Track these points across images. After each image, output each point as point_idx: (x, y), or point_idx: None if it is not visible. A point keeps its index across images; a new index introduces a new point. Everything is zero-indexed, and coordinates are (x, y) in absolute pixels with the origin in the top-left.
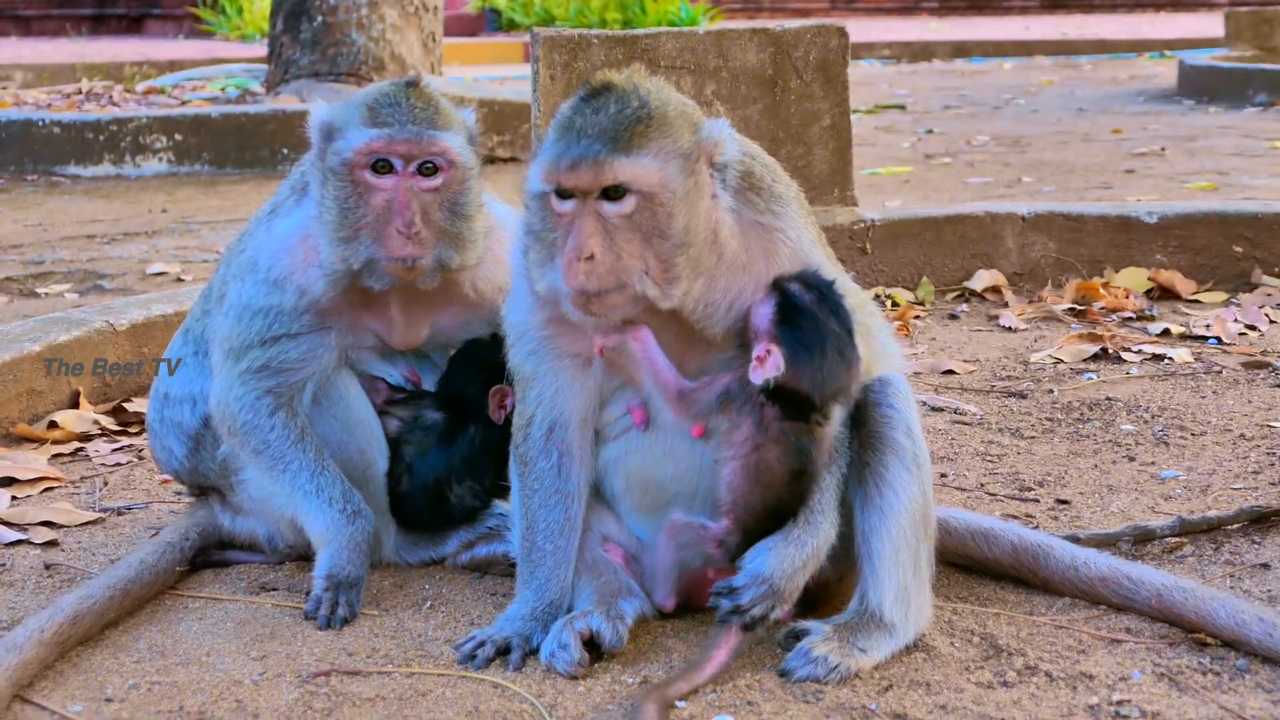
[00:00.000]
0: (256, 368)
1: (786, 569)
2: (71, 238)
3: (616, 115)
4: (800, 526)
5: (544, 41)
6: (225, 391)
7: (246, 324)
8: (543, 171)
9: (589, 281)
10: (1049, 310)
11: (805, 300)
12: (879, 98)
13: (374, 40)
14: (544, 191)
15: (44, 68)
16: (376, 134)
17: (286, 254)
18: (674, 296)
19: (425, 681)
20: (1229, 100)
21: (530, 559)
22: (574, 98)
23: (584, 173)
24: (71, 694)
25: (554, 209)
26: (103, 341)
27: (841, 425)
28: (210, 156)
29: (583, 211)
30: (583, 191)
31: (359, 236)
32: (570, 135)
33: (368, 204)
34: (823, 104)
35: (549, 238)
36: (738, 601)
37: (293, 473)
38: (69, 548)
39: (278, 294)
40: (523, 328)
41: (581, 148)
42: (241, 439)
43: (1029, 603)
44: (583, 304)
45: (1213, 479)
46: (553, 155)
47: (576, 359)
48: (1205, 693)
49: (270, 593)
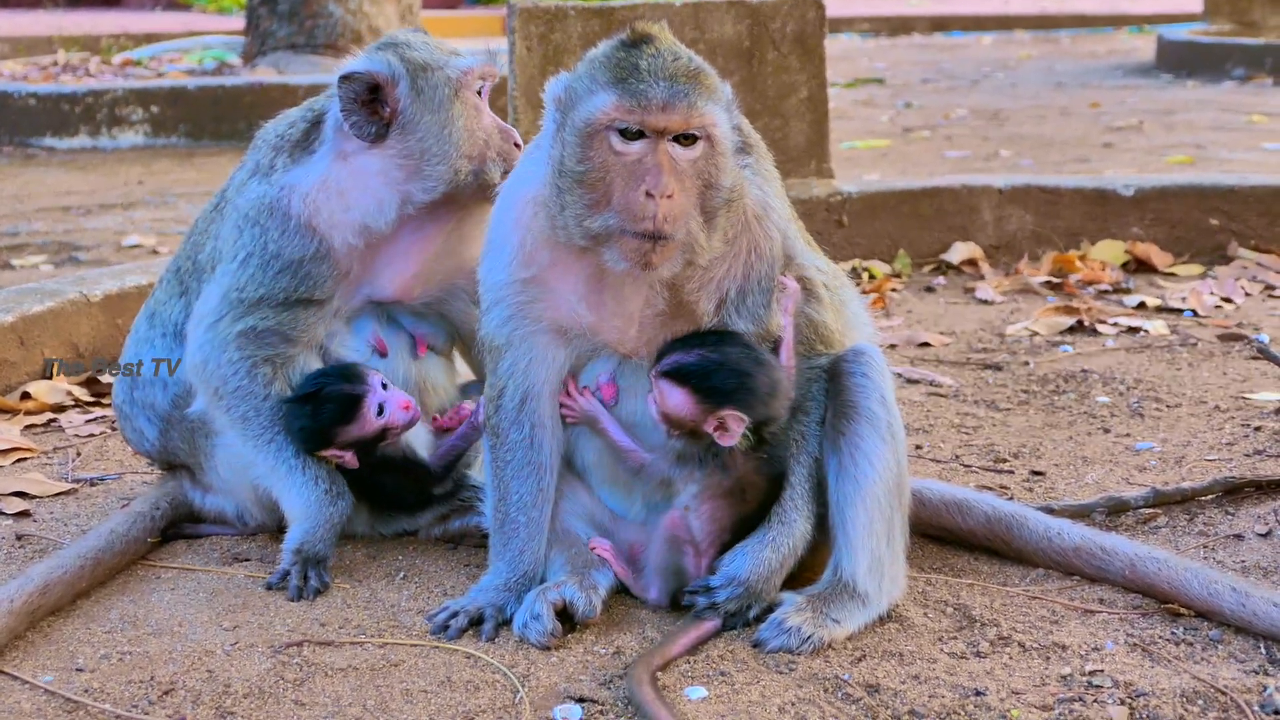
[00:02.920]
0: (263, 329)
1: (762, 571)
2: (47, 209)
3: (687, 63)
4: (775, 527)
5: (521, 13)
6: (217, 351)
7: (271, 278)
8: (612, 109)
9: (665, 223)
10: (1025, 283)
11: (694, 360)
12: (857, 71)
13: (351, 13)
14: (601, 131)
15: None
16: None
17: (322, 201)
18: (712, 250)
19: (398, 652)
20: (1207, 74)
21: (503, 530)
22: (614, 44)
23: (675, 113)
24: (42, 664)
25: (613, 149)
26: (76, 313)
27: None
28: (187, 128)
29: (656, 151)
30: (660, 131)
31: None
32: (645, 76)
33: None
34: (799, 76)
35: (601, 179)
36: (713, 600)
37: (279, 445)
38: (41, 518)
39: (312, 243)
40: (502, 290)
41: (670, 89)
42: (228, 403)
43: (1003, 573)
44: (644, 251)
45: (1187, 451)
46: (629, 94)
47: (551, 327)
48: (1178, 663)
49: (243, 563)
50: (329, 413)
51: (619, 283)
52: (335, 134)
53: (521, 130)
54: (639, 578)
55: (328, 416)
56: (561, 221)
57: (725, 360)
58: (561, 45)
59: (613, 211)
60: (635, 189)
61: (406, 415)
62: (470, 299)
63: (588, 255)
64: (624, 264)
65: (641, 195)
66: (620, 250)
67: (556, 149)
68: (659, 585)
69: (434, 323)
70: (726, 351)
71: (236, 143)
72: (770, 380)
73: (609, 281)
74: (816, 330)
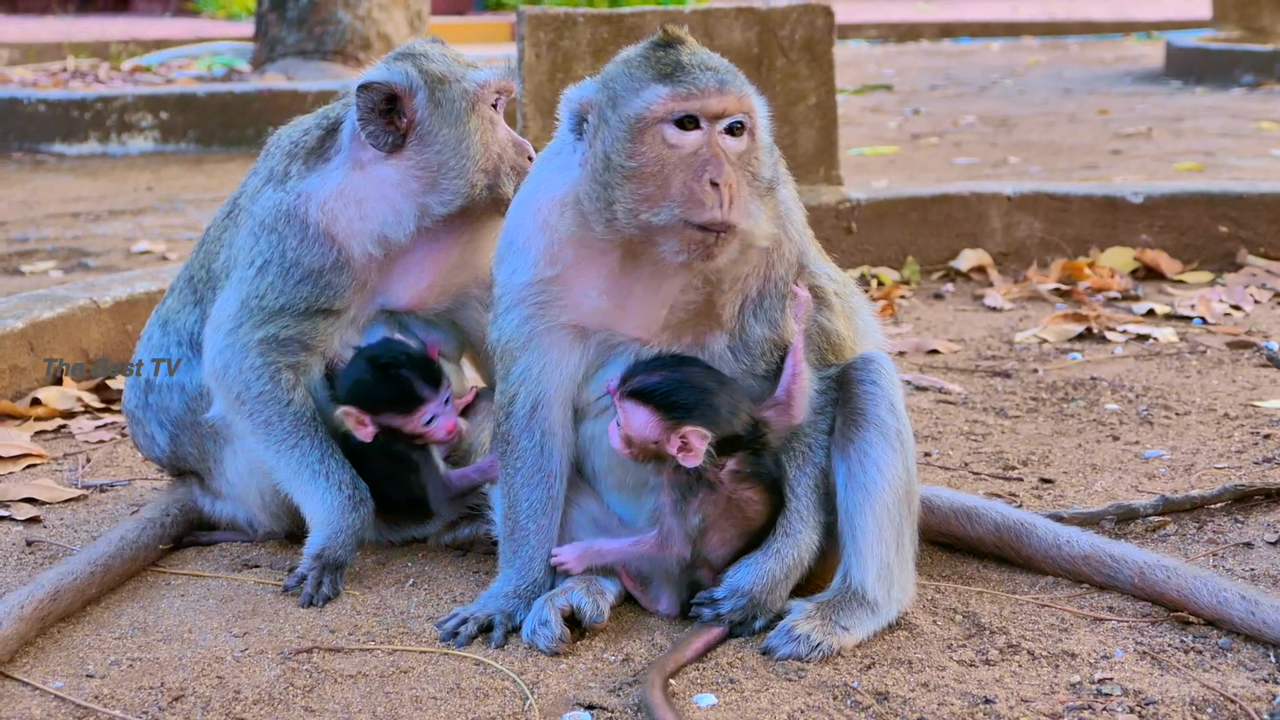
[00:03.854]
0: (284, 338)
1: (766, 583)
2: (56, 215)
3: (720, 59)
4: (780, 539)
5: (530, 20)
6: (238, 356)
7: (292, 286)
8: (668, 100)
9: (731, 211)
10: (1034, 290)
11: (656, 380)
12: (866, 78)
13: (360, 19)
14: (654, 125)
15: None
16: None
17: (339, 210)
18: (766, 239)
19: (407, 659)
20: (1216, 81)
21: (513, 537)
22: (648, 45)
23: (728, 98)
24: (53, 670)
25: (667, 141)
26: (86, 319)
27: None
28: (196, 135)
29: (712, 142)
30: (715, 117)
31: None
32: (692, 69)
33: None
34: (808, 83)
35: (657, 172)
36: (718, 611)
37: (303, 451)
38: (51, 524)
39: (330, 252)
40: (523, 290)
41: (718, 77)
42: (251, 408)
43: (1012, 581)
44: (707, 243)
45: (1196, 458)
46: (682, 84)
47: (570, 325)
48: (1187, 671)
49: (252, 570)
50: (388, 392)
51: (657, 273)
52: (352, 142)
53: (530, 137)
54: (647, 589)
55: (385, 394)
56: (608, 216)
57: (686, 378)
58: (570, 52)
59: (673, 203)
60: (698, 179)
61: (446, 436)
62: (483, 307)
63: (615, 250)
64: (683, 255)
65: (706, 185)
66: (681, 242)
67: (597, 149)
68: (668, 598)
69: (445, 330)
70: (687, 371)
71: (246, 149)
72: (731, 398)
73: (639, 273)
74: (829, 339)
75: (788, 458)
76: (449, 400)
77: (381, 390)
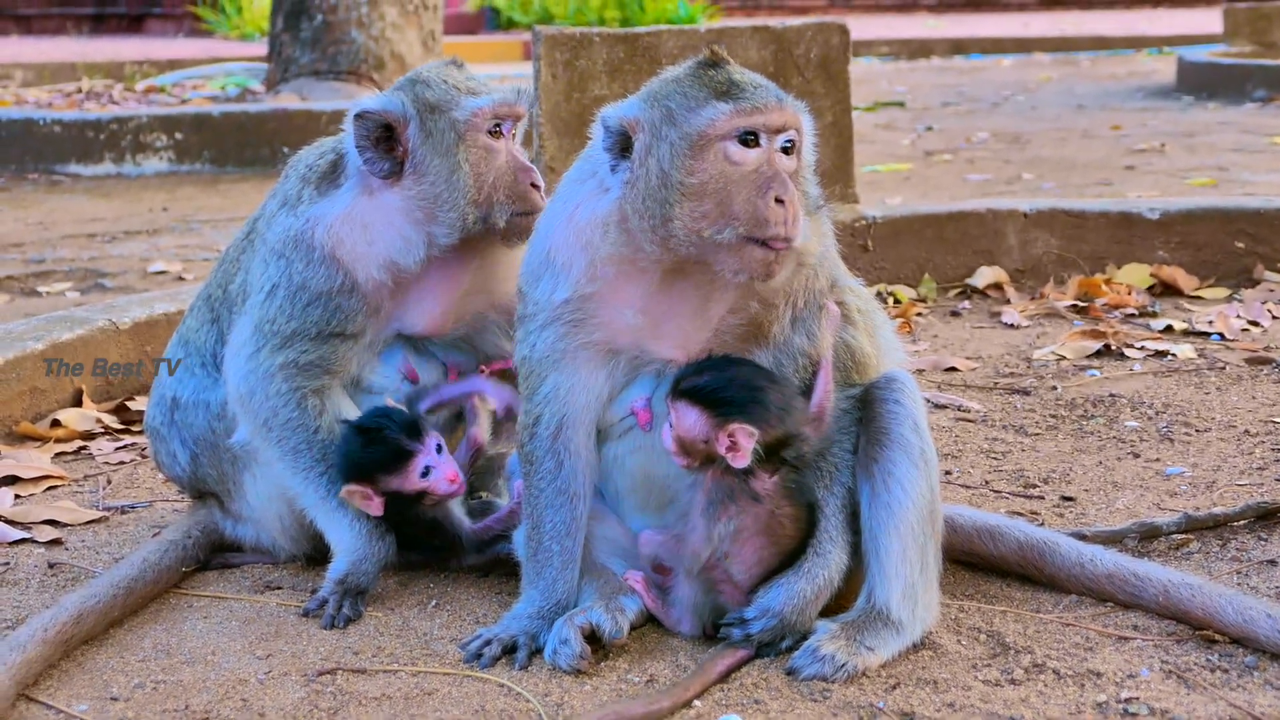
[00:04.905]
0: (304, 363)
1: (797, 603)
2: (72, 236)
3: (764, 78)
4: (811, 559)
5: (546, 40)
6: (263, 382)
7: (301, 309)
8: (732, 116)
9: (794, 227)
10: (1051, 307)
11: (706, 379)
12: (878, 95)
13: (374, 39)
14: (716, 142)
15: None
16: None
17: (348, 227)
18: (815, 256)
19: (431, 680)
20: (1228, 96)
21: (536, 559)
22: (695, 65)
23: (787, 114)
24: (77, 693)
25: (730, 158)
26: (105, 340)
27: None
28: (211, 155)
29: (771, 160)
30: (776, 131)
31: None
32: (748, 87)
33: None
34: (824, 101)
35: (719, 189)
36: (748, 631)
37: (331, 478)
38: (73, 546)
39: (337, 275)
40: (560, 309)
41: (774, 93)
42: (279, 435)
43: (1035, 600)
44: (768, 261)
45: (1218, 475)
46: (743, 101)
47: (602, 343)
48: (1213, 690)
49: (275, 591)
50: (376, 454)
51: (703, 293)
52: (361, 168)
53: (547, 156)
54: (670, 610)
55: (373, 457)
56: (664, 234)
57: (735, 376)
58: (586, 71)
59: (736, 220)
60: (762, 196)
61: (449, 487)
62: (502, 332)
63: (656, 268)
64: (743, 275)
65: (771, 201)
66: (741, 260)
67: (651, 166)
68: (690, 620)
69: (466, 352)
70: (736, 370)
71: (261, 169)
72: (782, 396)
73: (682, 293)
74: (854, 356)
75: (815, 478)
76: (441, 448)
77: (368, 455)
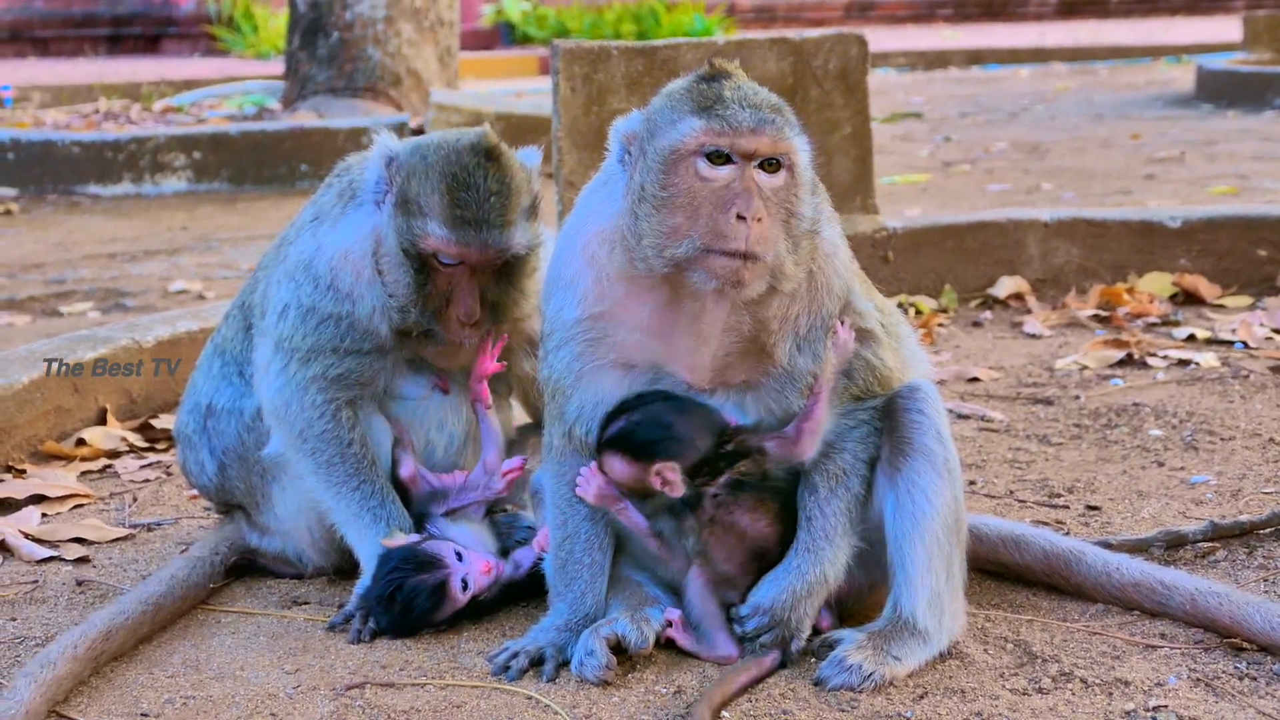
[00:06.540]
0: (333, 375)
1: (785, 599)
2: (92, 256)
3: (767, 94)
4: (800, 555)
5: (564, 54)
6: (298, 393)
7: (314, 329)
8: (701, 134)
9: (755, 244)
10: (1073, 316)
11: (622, 425)
12: (895, 106)
13: (390, 55)
14: (687, 157)
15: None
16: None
17: (346, 265)
18: (796, 278)
19: (459, 693)
20: (1247, 104)
21: (565, 571)
22: (693, 78)
23: (763, 137)
24: (107, 709)
25: (700, 174)
26: (129, 359)
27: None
28: (229, 174)
29: (745, 177)
30: (748, 155)
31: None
32: (731, 104)
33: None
34: (843, 113)
35: (686, 204)
36: (743, 630)
37: (364, 494)
38: (100, 564)
39: (343, 303)
40: (572, 328)
41: (757, 115)
42: (314, 446)
43: (1062, 609)
44: (733, 271)
45: (1243, 483)
46: (718, 119)
47: (618, 362)
48: (1242, 698)
49: (302, 606)
50: (421, 607)
51: (699, 309)
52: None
53: (565, 170)
54: (702, 641)
55: (420, 611)
56: (640, 252)
57: (645, 417)
58: (605, 85)
59: (697, 236)
60: (725, 212)
61: (489, 578)
62: (526, 357)
63: (662, 285)
64: (713, 283)
65: (732, 218)
66: (708, 270)
67: (635, 180)
68: (723, 637)
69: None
70: (646, 409)
71: (279, 187)
72: (691, 424)
73: (685, 309)
74: (875, 374)
75: (822, 477)
76: (460, 553)
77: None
